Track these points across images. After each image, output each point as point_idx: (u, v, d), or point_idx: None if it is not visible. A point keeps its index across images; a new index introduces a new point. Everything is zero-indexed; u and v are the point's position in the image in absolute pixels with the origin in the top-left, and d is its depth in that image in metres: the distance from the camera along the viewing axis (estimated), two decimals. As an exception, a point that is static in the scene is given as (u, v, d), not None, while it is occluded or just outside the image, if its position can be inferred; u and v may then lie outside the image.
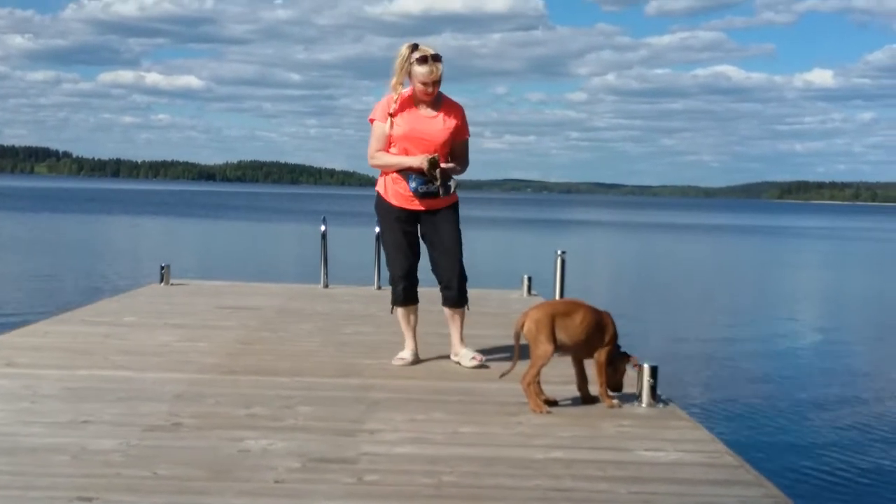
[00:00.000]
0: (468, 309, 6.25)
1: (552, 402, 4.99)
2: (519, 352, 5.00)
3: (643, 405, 5.03)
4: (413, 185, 5.90)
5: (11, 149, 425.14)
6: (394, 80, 5.89)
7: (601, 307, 5.17)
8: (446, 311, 6.21)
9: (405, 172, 5.92)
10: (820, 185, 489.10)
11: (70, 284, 18.22)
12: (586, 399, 5.12)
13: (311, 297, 9.78)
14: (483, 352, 6.25)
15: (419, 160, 5.84)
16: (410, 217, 6.06)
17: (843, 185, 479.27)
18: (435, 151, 5.89)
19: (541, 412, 4.82)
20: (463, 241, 6.13)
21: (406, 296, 6.18)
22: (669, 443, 4.33)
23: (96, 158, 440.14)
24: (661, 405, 5.05)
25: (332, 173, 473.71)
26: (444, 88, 5.91)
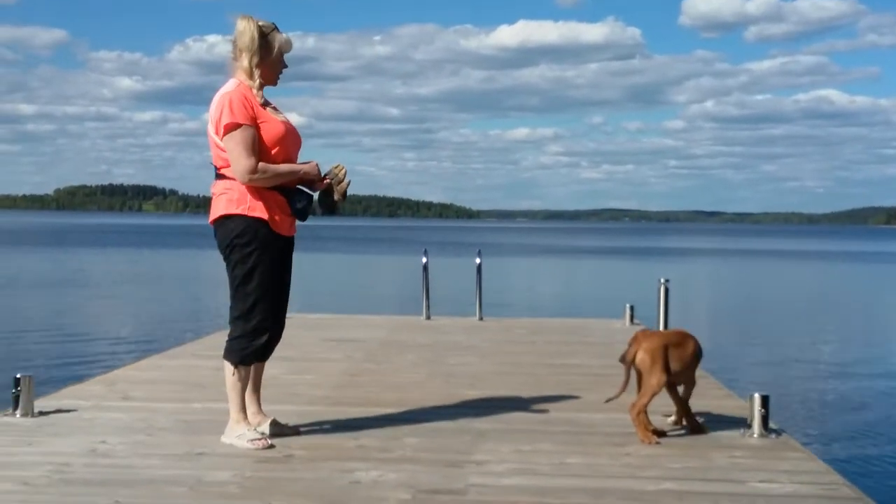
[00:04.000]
0: None
1: (660, 433, 4.93)
2: (628, 380, 4.94)
3: (755, 435, 4.93)
4: (299, 204, 4.70)
5: (120, 187, 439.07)
6: (252, 60, 4.57)
7: (706, 335, 5.14)
8: (256, 367, 5.00)
9: (287, 190, 4.69)
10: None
11: (180, 319, 18.66)
12: (694, 429, 5.04)
13: (413, 328, 9.85)
14: (584, 382, 6.16)
15: (311, 166, 4.73)
16: (288, 247, 4.86)
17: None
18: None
19: (649, 443, 4.76)
20: None
21: (267, 351, 4.95)
22: (784, 474, 4.23)
23: (201, 196, 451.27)
24: (773, 435, 4.94)
25: (429, 206, 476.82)
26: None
